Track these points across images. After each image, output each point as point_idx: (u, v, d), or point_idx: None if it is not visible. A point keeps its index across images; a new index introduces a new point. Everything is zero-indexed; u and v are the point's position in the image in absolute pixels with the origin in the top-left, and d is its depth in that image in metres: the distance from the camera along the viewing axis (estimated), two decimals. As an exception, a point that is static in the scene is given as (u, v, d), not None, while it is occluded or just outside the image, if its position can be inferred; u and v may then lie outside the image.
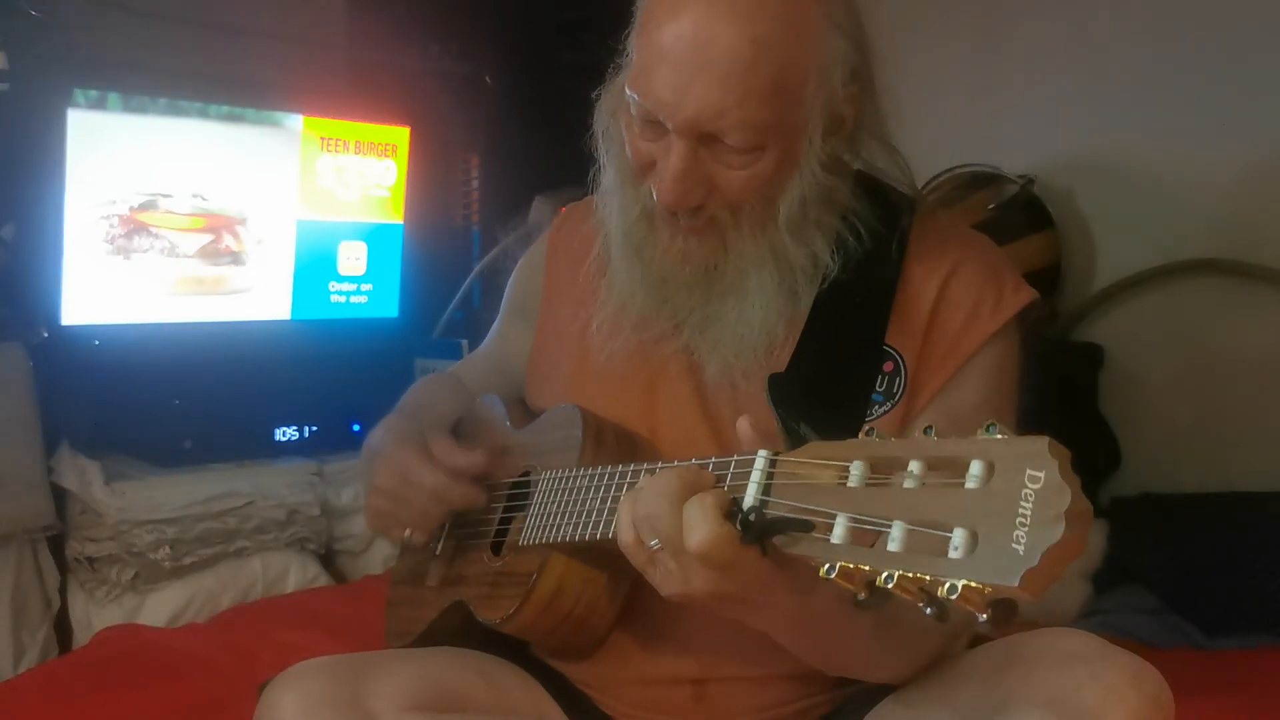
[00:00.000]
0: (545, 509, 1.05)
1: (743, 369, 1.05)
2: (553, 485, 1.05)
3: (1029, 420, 1.08)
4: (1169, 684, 0.88)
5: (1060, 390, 2.17)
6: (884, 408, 1.03)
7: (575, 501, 1.01)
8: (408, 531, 1.15)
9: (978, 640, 1.04)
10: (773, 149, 0.97)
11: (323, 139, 2.30)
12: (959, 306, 1.06)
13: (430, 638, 1.19)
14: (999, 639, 1.00)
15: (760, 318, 1.03)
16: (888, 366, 1.04)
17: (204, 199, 2.15)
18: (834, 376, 1.03)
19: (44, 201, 1.92)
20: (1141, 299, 2.26)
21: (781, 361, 1.04)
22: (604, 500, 0.97)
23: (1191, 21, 2.16)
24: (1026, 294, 1.08)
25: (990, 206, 2.29)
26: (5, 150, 1.88)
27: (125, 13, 2.01)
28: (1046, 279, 2.24)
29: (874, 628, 0.91)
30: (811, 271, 1.04)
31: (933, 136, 2.28)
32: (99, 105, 1.97)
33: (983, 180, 2.34)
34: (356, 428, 2.32)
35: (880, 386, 1.04)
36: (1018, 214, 2.27)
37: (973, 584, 0.61)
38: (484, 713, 1.06)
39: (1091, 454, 2.20)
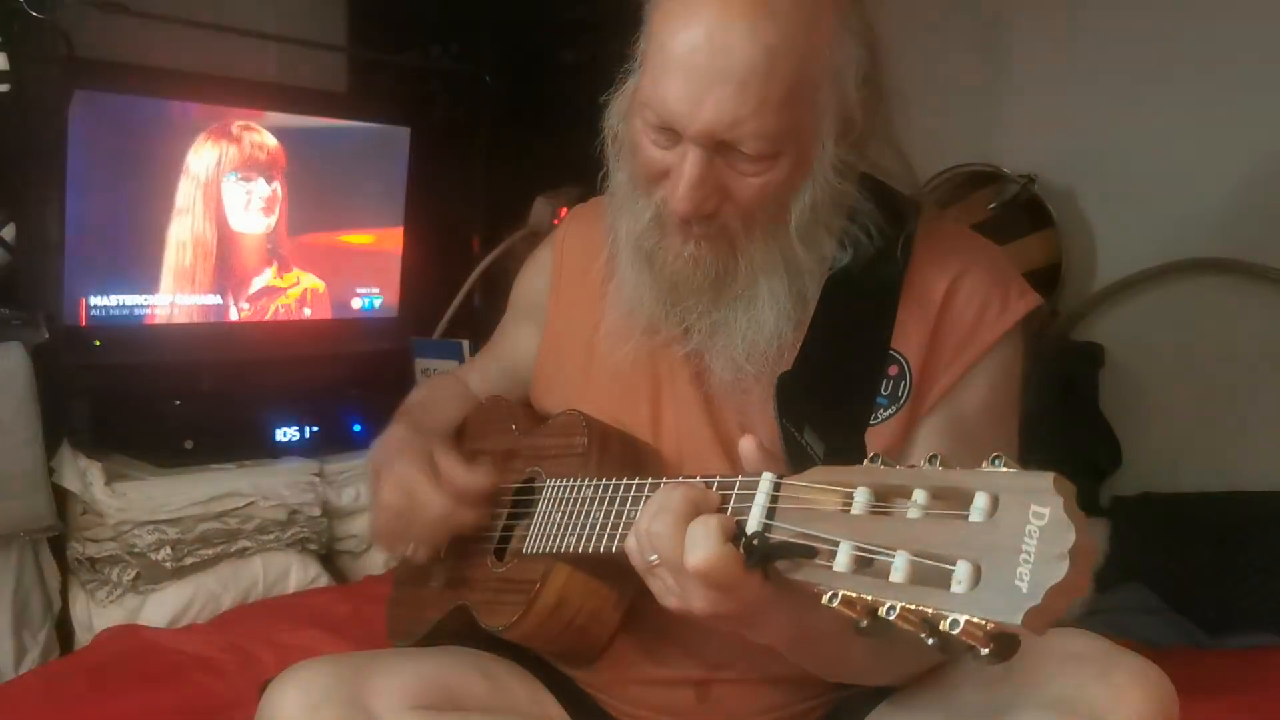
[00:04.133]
0: (549, 519, 1.05)
1: (753, 373, 1.05)
2: (557, 494, 1.05)
3: (1030, 420, 1.09)
4: (1171, 683, 0.88)
5: (1061, 390, 2.17)
6: (889, 411, 1.03)
7: (579, 514, 1.01)
8: (411, 547, 1.16)
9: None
10: (787, 155, 0.97)
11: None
12: (965, 311, 1.06)
13: (433, 638, 1.19)
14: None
15: (772, 322, 1.03)
16: (893, 370, 1.04)
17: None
18: (838, 377, 1.04)
19: (45, 202, 1.92)
20: (1142, 298, 2.26)
21: (789, 364, 1.04)
22: (607, 514, 0.97)
23: (1192, 21, 2.16)
24: (1032, 299, 1.08)
25: (991, 206, 2.29)
26: (6, 151, 1.88)
27: (126, 13, 2.00)
28: (1047, 278, 2.24)
29: (875, 643, 0.91)
30: (819, 275, 1.04)
31: (933, 136, 2.28)
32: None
33: (983, 179, 2.34)
34: (357, 428, 2.31)
35: (885, 390, 1.03)
36: (1018, 213, 2.28)
37: (975, 619, 0.61)
38: (486, 712, 1.06)
39: (1092, 454, 2.20)
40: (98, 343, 2.03)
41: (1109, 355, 2.27)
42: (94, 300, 2.03)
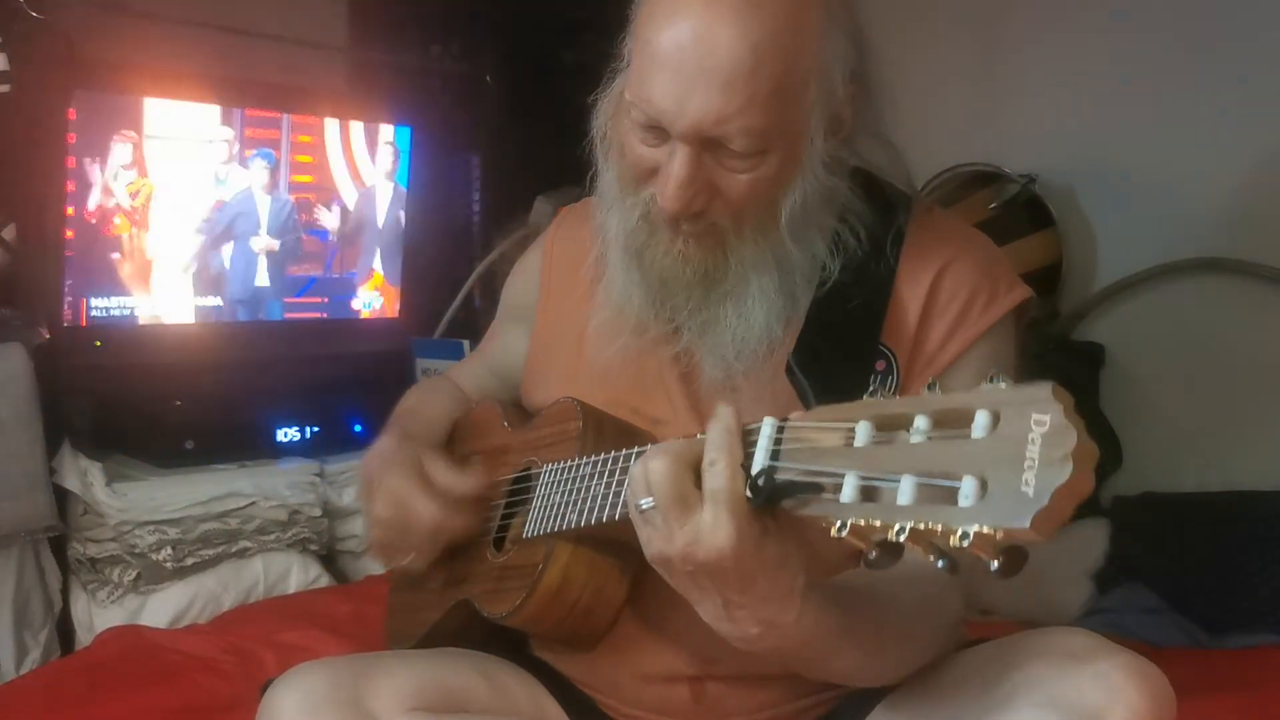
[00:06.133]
0: (549, 499, 1.05)
1: (743, 370, 1.05)
2: (555, 476, 1.05)
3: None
4: (1170, 683, 0.88)
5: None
6: None
7: (579, 489, 1.00)
8: (410, 556, 1.16)
9: (976, 640, 1.04)
10: (775, 152, 0.97)
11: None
12: (952, 302, 1.05)
13: (432, 639, 1.19)
14: (1000, 638, 1.00)
15: (761, 320, 1.03)
16: (879, 365, 1.04)
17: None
18: (832, 378, 1.03)
19: (45, 202, 1.92)
20: (1142, 298, 2.26)
21: (781, 362, 1.04)
22: (608, 485, 0.96)
23: (1192, 21, 2.16)
24: (1020, 292, 1.07)
25: (991, 205, 2.29)
26: (6, 151, 1.88)
27: (126, 14, 2.00)
28: (1047, 278, 2.24)
29: (866, 643, 0.91)
30: (810, 272, 1.04)
31: (934, 135, 2.28)
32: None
33: (984, 179, 2.34)
34: (358, 428, 2.32)
35: (873, 384, 1.03)
36: (1019, 213, 2.27)
37: (984, 530, 0.61)
38: (485, 713, 1.06)
39: (1093, 453, 2.20)
40: (98, 343, 2.03)
41: (1109, 355, 2.27)
42: (94, 300, 2.03)
